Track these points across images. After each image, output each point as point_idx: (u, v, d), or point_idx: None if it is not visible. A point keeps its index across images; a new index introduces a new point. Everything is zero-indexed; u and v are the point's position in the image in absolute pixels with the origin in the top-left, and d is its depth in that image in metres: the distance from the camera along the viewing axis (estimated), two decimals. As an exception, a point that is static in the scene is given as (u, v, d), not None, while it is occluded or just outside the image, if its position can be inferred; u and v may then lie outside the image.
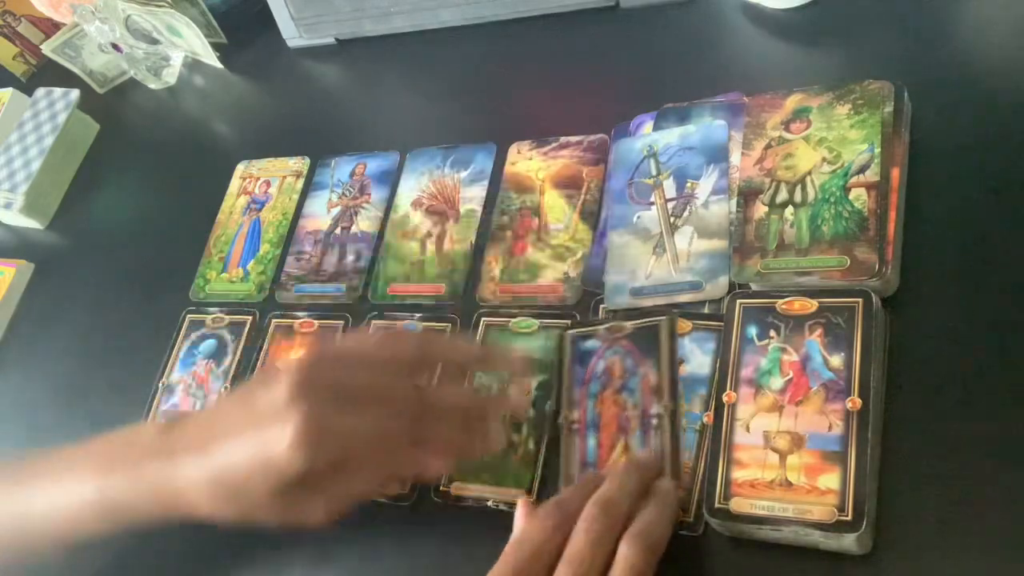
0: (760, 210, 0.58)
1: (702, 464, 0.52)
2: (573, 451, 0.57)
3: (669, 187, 0.63)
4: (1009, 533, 0.45)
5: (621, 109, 0.70)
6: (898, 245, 0.54)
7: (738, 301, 0.55)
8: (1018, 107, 0.57)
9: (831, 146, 0.57)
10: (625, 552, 0.46)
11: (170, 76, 1.00)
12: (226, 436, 0.50)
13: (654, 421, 0.55)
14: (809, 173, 0.57)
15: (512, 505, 0.53)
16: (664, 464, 0.53)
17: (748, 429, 0.51)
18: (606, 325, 0.60)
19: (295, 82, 0.94)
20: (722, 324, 0.55)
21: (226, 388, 0.73)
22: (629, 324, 0.59)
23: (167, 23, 0.95)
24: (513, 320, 0.65)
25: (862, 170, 0.56)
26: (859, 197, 0.55)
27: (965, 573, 0.45)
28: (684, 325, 0.57)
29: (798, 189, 0.57)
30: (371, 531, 0.61)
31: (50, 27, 1.12)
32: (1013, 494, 0.46)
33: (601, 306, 0.62)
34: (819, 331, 0.52)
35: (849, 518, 0.46)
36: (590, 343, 0.60)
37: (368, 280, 0.73)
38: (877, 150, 0.56)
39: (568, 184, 0.70)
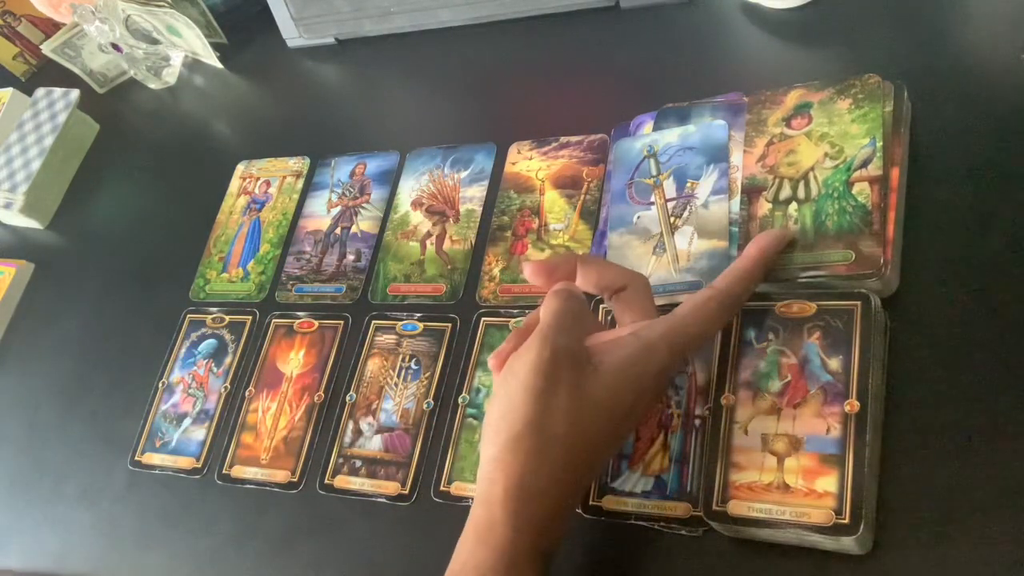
0: (764, 207, 0.58)
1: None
2: None
3: (669, 187, 0.63)
4: (1009, 534, 0.45)
5: (621, 109, 0.70)
6: (898, 245, 0.54)
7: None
8: (1018, 107, 0.57)
9: (833, 141, 0.57)
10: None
11: (170, 76, 1.00)
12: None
13: (697, 423, 0.54)
14: (812, 169, 0.57)
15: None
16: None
17: (746, 432, 0.51)
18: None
19: (295, 82, 0.94)
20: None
21: (226, 388, 0.73)
22: None
23: (167, 23, 0.95)
24: (513, 320, 0.65)
25: (864, 164, 0.55)
26: (862, 191, 0.54)
27: (966, 573, 0.45)
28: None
29: (801, 185, 0.57)
30: (371, 531, 0.62)
31: (50, 27, 1.12)
32: (1013, 494, 0.46)
33: (601, 306, 0.62)
34: (817, 334, 0.51)
35: (847, 521, 0.46)
36: None
37: (368, 280, 0.73)
38: (879, 144, 0.55)
39: (568, 184, 0.70)
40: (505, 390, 0.49)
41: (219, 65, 0.98)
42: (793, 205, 0.57)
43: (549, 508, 0.47)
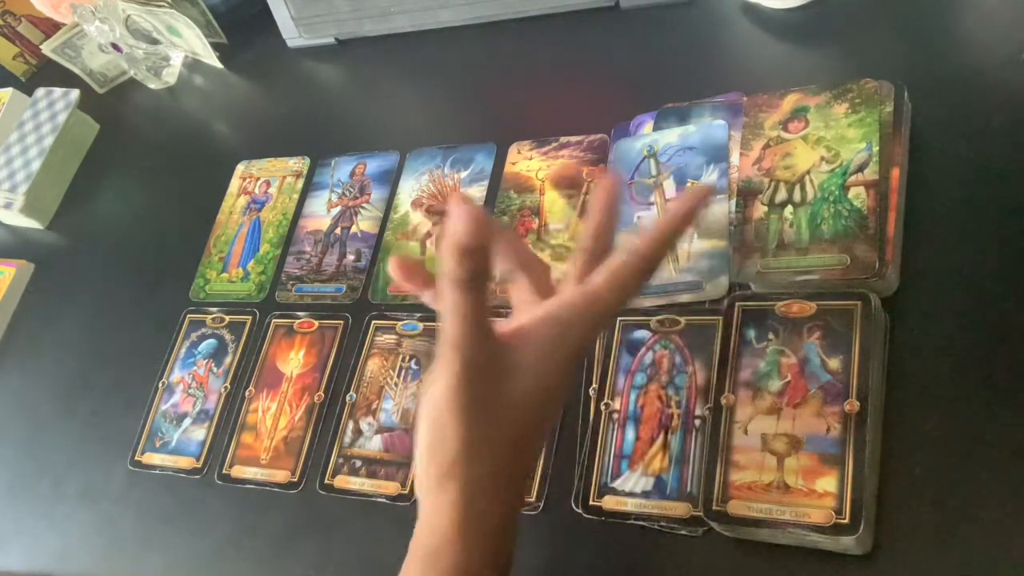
0: (759, 210, 0.58)
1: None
2: (609, 440, 0.57)
3: (669, 187, 0.63)
4: (1008, 533, 0.45)
5: (621, 109, 0.70)
6: (898, 245, 0.54)
7: (737, 303, 0.55)
8: (1018, 106, 0.57)
9: (829, 145, 0.57)
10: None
11: (170, 76, 1.00)
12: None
13: (697, 423, 0.54)
14: (808, 172, 0.57)
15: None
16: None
17: (746, 431, 0.51)
18: (659, 317, 0.59)
19: (295, 82, 0.94)
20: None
21: (226, 388, 0.73)
22: (683, 319, 0.58)
23: (167, 23, 0.95)
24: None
25: (860, 169, 0.55)
26: (858, 196, 0.55)
27: (965, 573, 0.45)
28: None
29: (797, 188, 0.57)
30: (371, 531, 0.62)
31: (50, 27, 1.12)
32: (1012, 494, 0.46)
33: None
34: (817, 334, 0.51)
35: (847, 521, 0.46)
36: (640, 333, 0.59)
37: (368, 280, 0.73)
38: (875, 148, 0.55)
39: (568, 184, 0.70)
40: (430, 418, 0.45)
41: (219, 65, 0.98)
42: (789, 208, 0.57)
43: (499, 520, 0.45)
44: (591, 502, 0.55)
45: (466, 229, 0.40)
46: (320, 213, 0.80)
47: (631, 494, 0.54)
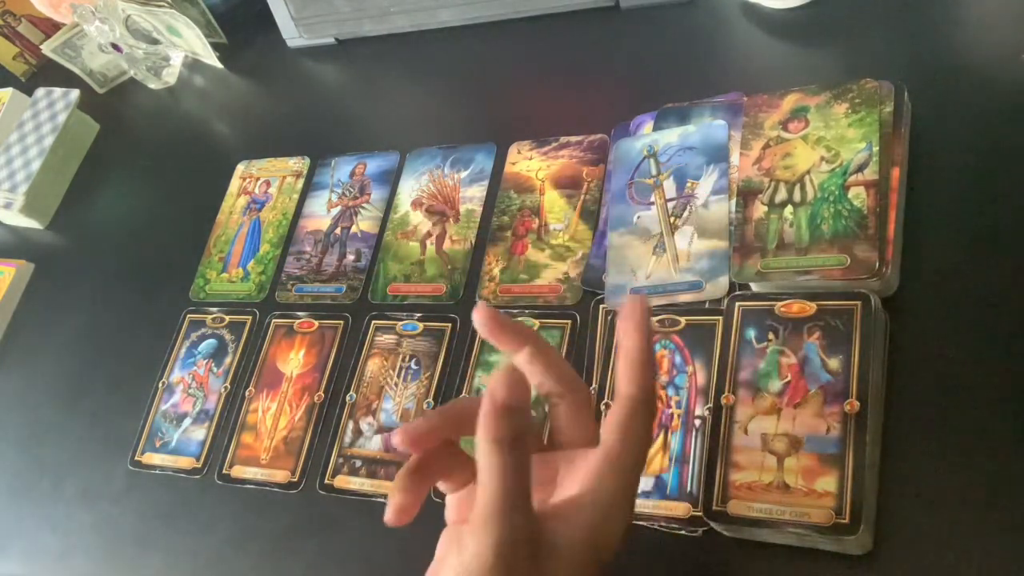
0: (759, 210, 0.58)
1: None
2: None
3: (669, 187, 0.63)
4: (1009, 534, 0.45)
5: (621, 109, 0.70)
6: (898, 245, 0.54)
7: (737, 303, 0.55)
8: (1018, 106, 0.57)
9: (829, 145, 0.57)
10: None
11: (170, 76, 1.00)
12: None
13: (697, 423, 0.54)
14: (808, 172, 0.57)
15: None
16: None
17: (746, 431, 0.51)
18: (659, 317, 0.59)
19: (295, 82, 0.94)
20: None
21: (226, 388, 0.73)
22: (683, 319, 0.58)
23: (167, 23, 0.95)
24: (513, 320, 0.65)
25: (860, 169, 0.55)
26: (858, 196, 0.55)
27: (965, 573, 0.45)
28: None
29: (797, 188, 0.57)
30: (371, 531, 0.62)
31: (50, 27, 1.12)
32: (1013, 494, 0.46)
33: (601, 305, 0.62)
34: (817, 334, 0.51)
35: (846, 521, 0.46)
36: None
37: (368, 280, 0.73)
38: (875, 148, 0.55)
39: (568, 184, 0.70)
40: None
41: (219, 65, 0.98)
42: (789, 208, 0.57)
43: None
44: (591, 502, 0.55)
45: (507, 388, 0.38)
46: (320, 213, 0.80)
47: (631, 494, 0.54)
